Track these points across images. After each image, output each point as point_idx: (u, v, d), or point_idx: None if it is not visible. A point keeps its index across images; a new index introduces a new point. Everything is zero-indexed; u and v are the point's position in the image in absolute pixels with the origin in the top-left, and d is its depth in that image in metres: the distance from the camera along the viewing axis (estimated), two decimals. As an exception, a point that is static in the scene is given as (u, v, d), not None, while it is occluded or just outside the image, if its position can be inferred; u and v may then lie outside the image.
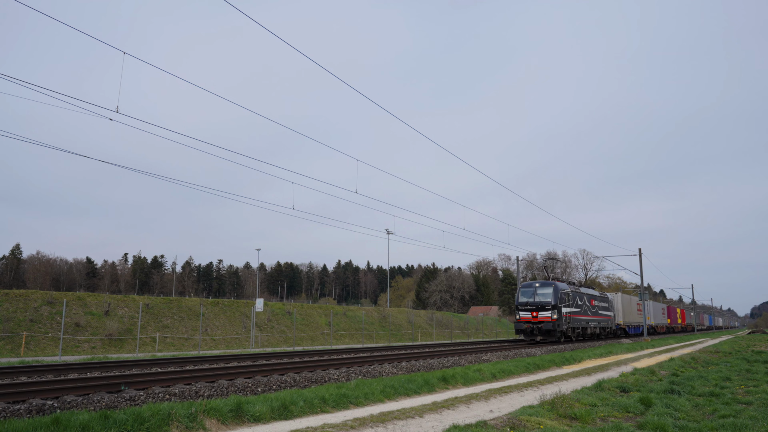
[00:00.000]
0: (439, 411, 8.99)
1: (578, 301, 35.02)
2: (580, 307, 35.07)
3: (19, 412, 7.80)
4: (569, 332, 33.46)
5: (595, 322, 38.37)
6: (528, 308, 32.13)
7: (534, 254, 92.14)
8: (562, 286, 32.94)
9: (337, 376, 13.41)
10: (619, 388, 11.96)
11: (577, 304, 34.73)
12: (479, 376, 14.31)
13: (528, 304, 32.22)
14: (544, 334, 31.91)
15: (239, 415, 7.93)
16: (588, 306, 36.91)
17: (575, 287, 35.85)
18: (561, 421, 8.21)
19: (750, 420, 8.09)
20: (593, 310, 38.02)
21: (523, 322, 32.24)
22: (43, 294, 33.56)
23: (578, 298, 35.07)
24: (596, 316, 38.56)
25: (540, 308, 31.70)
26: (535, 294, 32.35)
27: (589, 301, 37.44)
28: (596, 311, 38.67)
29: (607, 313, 41.56)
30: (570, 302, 33.20)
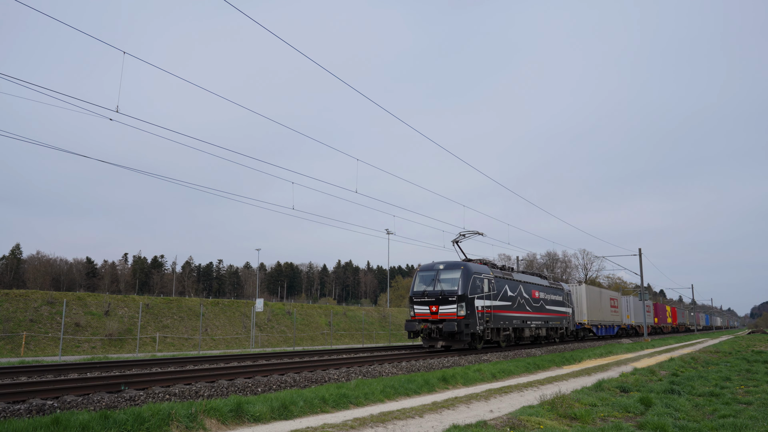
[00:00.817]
0: (439, 411, 8.99)
1: (508, 291, 25.35)
2: (510, 299, 25.51)
3: (19, 412, 7.80)
4: (490, 335, 23.35)
5: (539, 321, 28.61)
6: (425, 301, 22.16)
7: (534, 254, 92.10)
8: (478, 268, 23.12)
9: (337, 376, 13.41)
10: (619, 388, 11.96)
11: (506, 295, 25.12)
12: (479, 376, 14.31)
13: (425, 294, 22.19)
14: (446, 338, 22.06)
15: (239, 415, 7.93)
16: (527, 299, 27.35)
17: (505, 271, 26.46)
18: (561, 421, 8.21)
19: (750, 420, 8.09)
20: (536, 304, 28.43)
21: (418, 321, 22.16)
22: (43, 294, 33.56)
23: (508, 286, 25.41)
24: (541, 312, 28.98)
25: (442, 300, 21.83)
26: (436, 280, 22.40)
27: (529, 293, 27.79)
28: (541, 306, 29.10)
29: (560, 309, 31.79)
30: (491, 292, 23.40)
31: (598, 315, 39.55)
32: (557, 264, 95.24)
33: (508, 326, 25.02)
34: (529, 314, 27.52)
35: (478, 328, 21.92)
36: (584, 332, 39.30)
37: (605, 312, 41.78)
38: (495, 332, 23.98)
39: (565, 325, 32.63)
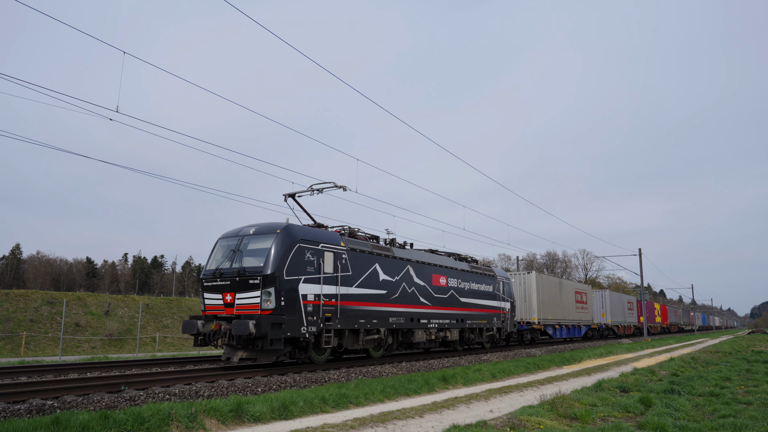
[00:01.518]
0: (439, 411, 8.99)
1: (380, 273, 16.77)
2: (384, 286, 16.88)
3: (19, 412, 7.80)
4: (337, 339, 15.12)
5: (446, 320, 19.95)
6: (218, 285, 13.96)
7: (534, 254, 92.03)
8: (314, 234, 14.79)
9: (337, 376, 13.41)
10: (619, 388, 11.96)
11: (375, 279, 16.52)
12: (479, 376, 14.31)
13: (220, 275, 13.98)
14: (245, 346, 13.37)
15: (239, 415, 7.93)
16: (421, 286, 18.77)
17: (377, 245, 17.43)
18: (561, 421, 8.21)
19: (750, 420, 8.09)
20: (441, 295, 19.79)
21: (205, 318, 14.00)
22: (43, 294, 33.58)
23: (380, 266, 16.84)
24: (451, 307, 20.34)
25: (240, 284, 13.60)
26: (238, 252, 14.21)
27: (427, 278, 19.17)
28: (451, 298, 20.43)
29: (488, 303, 23.14)
30: (339, 273, 15.10)
31: (555, 312, 30.98)
32: (557, 264, 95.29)
33: (379, 326, 16.31)
34: (424, 309, 18.64)
35: (306, 330, 13.60)
36: (533, 334, 30.21)
37: (567, 308, 33.03)
38: (352, 335, 15.65)
39: (497, 324, 23.48)
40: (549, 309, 30.26)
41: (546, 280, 31.08)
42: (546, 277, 31.54)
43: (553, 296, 31.38)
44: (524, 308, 28.99)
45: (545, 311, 29.77)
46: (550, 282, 31.68)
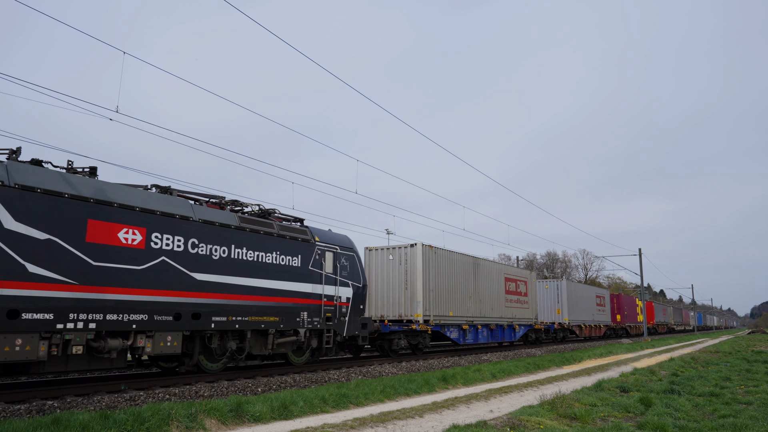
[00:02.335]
0: (439, 411, 8.99)
1: None
2: None
3: (19, 412, 7.80)
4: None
5: (142, 315, 10.19)
6: None
7: (534, 254, 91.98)
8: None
9: (337, 376, 13.42)
10: (619, 388, 11.96)
11: None
12: (479, 376, 14.31)
13: None
14: None
15: (239, 415, 7.93)
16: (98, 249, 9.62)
17: None
18: (561, 421, 8.21)
19: (750, 420, 8.10)
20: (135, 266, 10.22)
21: None
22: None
23: None
24: (156, 291, 10.55)
25: None
26: None
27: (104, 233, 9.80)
28: (167, 275, 10.78)
29: (283, 286, 13.45)
30: None
31: (464, 306, 21.73)
32: (557, 264, 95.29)
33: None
34: None
35: None
36: (416, 338, 19.44)
37: (490, 301, 23.86)
38: None
39: (316, 323, 14.25)
40: (450, 301, 20.80)
41: (445, 257, 20.92)
42: (446, 254, 21.03)
43: (461, 283, 21.80)
44: (402, 299, 19.09)
45: (442, 304, 20.17)
46: (455, 261, 21.56)
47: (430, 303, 19.50)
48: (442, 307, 20.34)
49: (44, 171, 9.45)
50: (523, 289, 28.14)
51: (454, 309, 21.13)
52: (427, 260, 19.66)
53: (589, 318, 37.12)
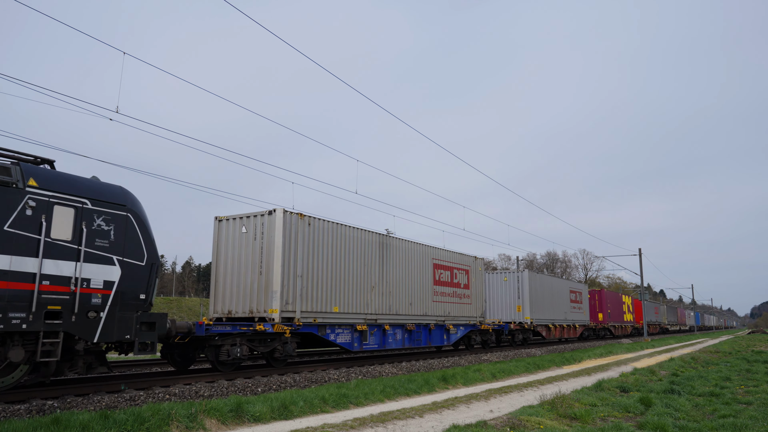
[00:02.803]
0: (439, 411, 8.99)
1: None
2: None
3: (19, 412, 7.80)
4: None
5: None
6: None
7: (534, 254, 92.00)
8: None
9: (337, 376, 13.42)
10: (619, 388, 11.96)
11: None
12: (479, 376, 14.31)
13: None
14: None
15: (239, 415, 7.93)
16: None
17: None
18: (561, 421, 8.21)
19: (750, 420, 8.10)
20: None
21: None
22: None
23: None
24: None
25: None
26: None
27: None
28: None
29: None
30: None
31: (355, 300, 16.29)
32: (557, 264, 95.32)
33: None
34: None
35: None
36: (275, 345, 13.88)
37: (401, 295, 18.28)
38: None
39: (19, 323, 8.55)
40: (336, 293, 15.53)
41: (328, 232, 15.44)
42: (329, 228, 15.50)
43: (357, 268, 16.40)
44: (255, 289, 14.08)
45: (320, 297, 14.95)
46: (346, 238, 16.12)
47: (297, 294, 14.00)
48: (320, 301, 14.80)
49: None
50: (463, 280, 21.99)
51: (344, 303, 15.58)
52: (292, 234, 14.17)
53: (560, 317, 31.87)
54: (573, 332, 34.16)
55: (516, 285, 28.02)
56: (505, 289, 28.20)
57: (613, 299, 44.03)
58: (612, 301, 43.53)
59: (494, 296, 28.31)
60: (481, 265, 23.77)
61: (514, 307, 27.75)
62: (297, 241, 14.37)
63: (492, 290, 28.35)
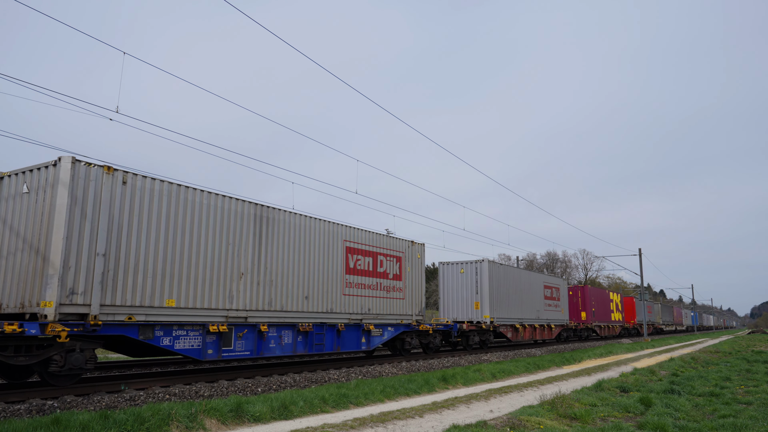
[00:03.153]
0: (439, 411, 8.99)
1: None
2: None
3: (19, 412, 7.80)
4: None
5: None
6: None
7: (534, 254, 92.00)
8: None
9: (337, 376, 13.42)
10: (619, 388, 11.96)
11: None
12: (479, 376, 14.31)
13: None
14: None
15: (239, 415, 7.93)
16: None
17: None
18: (561, 421, 8.22)
19: (750, 420, 8.10)
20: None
21: None
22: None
23: None
24: None
25: None
26: None
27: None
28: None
29: None
30: None
31: (211, 293, 12.18)
32: (557, 264, 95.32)
33: None
34: None
35: None
36: (50, 354, 9.50)
37: (289, 286, 14.37)
38: None
39: None
40: (179, 282, 11.66)
41: (158, 195, 11.39)
42: (161, 188, 11.45)
43: (215, 250, 12.53)
44: (28, 274, 9.91)
45: (145, 288, 11.00)
46: (188, 204, 11.99)
47: (94, 281, 10.07)
48: (143, 291, 10.86)
49: None
50: (392, 269, 18.30)
51: (187, 295, 11.70)
52: (89, 194, 10.24)
53: (532, 316, 28.04)
54: (548, 333, 30.43)
55: (474, 278, 23.62)
56: (461, 283, 24.06)
57: (598, 296, 39.73)
58: (597, 298, 39.21)
59: (451, 292, 24.34)
60: (420, 252, 19.91)
61: (471, 304, 23.74)
62: (98, 205, 10.30)
63: (448, 285, 24.37)
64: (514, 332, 26.12)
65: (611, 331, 42.10)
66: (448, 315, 24.23)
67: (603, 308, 40.41)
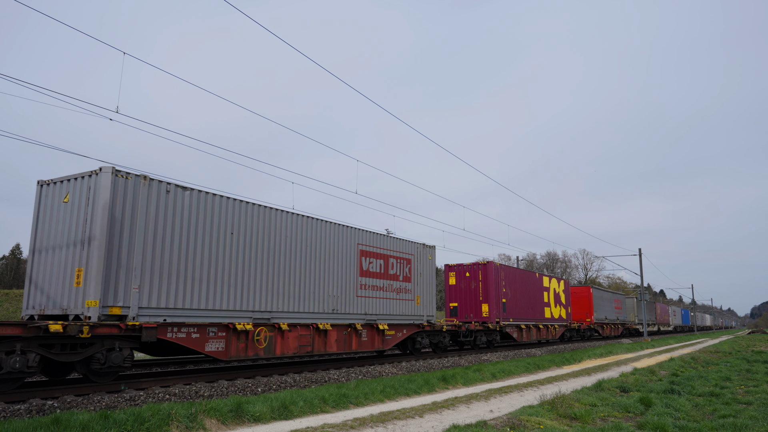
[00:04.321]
0: (439, 411, 8.99)
1: None
2: None
3: (19, 412, 7.80)
4: None
5: None
6: None
7: (534, 254, 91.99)
8: None
9: (337, 376, 13.42)
10: (619, 388, 11.96)
11: None
12: (479, 376, 14.31)
13: None
14: None
15: (239, 415, 7.93)
16: None
17: None
18: (561, 421, 8.21)
19: (750, 420, 8.10)
20: None
21: None
22: (43, 294, 33.51)
23: None
24: None
25: None
26: None
27: None
28: None
29: None
30: None
31: None
32: (557, 264, 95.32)
33: None
34: None
35: None
36: None
37: None
38: None
39: None
40: None
41: None
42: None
43: None
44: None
45: None
46: None
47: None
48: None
49: None
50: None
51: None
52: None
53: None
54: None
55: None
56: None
57: (527, 282, 27.99)
58: (525, 284, 27.71)
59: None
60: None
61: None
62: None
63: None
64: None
65: (541, 335, 29.69)
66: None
67: (534, 300, 28.58)
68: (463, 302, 24.47)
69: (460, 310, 24.46)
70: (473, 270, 24.35)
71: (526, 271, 29.25)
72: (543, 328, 28.89)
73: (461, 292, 24.50)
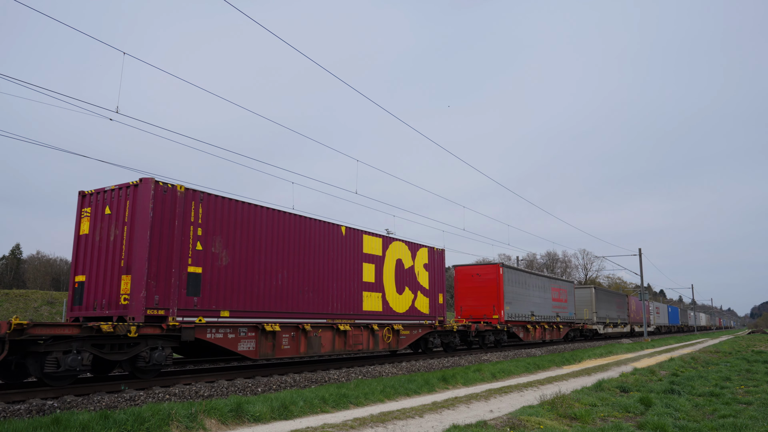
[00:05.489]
0: (439, 411, 8.99)
1: None
2: None
3: (19, 412, 7.80)
4: None
5: None
6: None
7: (534, 254, 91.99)
8: None
9: (337, 376, 13.42)
10: (619, 388, 11.96)
11: None
12: (479, 376, 14.31)
13: None
14: None
15: (239, 415, 7.93)
16: None
17: None
18: (561, 421, 8.21)
19: (750, 420, 8.09)
20: None
21: None
22: (43, 294, 33.60)
23: None
24: None
25: None
26: None
27: None
28: None
29: None
30: None
31: None
32: (557, 264, 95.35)
33: None
34: None
35: None
36: None
37: None
38: None
39: None
40: None
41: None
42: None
43: None
44: None
45: None
46: None
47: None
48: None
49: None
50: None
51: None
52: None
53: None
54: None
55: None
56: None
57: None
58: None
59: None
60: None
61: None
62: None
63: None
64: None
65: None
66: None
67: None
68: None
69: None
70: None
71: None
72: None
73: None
